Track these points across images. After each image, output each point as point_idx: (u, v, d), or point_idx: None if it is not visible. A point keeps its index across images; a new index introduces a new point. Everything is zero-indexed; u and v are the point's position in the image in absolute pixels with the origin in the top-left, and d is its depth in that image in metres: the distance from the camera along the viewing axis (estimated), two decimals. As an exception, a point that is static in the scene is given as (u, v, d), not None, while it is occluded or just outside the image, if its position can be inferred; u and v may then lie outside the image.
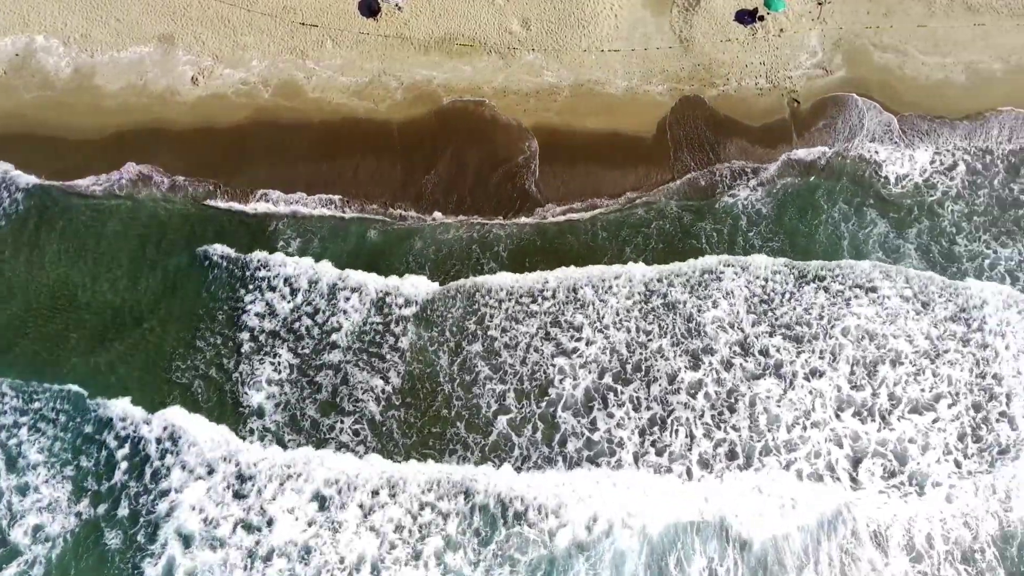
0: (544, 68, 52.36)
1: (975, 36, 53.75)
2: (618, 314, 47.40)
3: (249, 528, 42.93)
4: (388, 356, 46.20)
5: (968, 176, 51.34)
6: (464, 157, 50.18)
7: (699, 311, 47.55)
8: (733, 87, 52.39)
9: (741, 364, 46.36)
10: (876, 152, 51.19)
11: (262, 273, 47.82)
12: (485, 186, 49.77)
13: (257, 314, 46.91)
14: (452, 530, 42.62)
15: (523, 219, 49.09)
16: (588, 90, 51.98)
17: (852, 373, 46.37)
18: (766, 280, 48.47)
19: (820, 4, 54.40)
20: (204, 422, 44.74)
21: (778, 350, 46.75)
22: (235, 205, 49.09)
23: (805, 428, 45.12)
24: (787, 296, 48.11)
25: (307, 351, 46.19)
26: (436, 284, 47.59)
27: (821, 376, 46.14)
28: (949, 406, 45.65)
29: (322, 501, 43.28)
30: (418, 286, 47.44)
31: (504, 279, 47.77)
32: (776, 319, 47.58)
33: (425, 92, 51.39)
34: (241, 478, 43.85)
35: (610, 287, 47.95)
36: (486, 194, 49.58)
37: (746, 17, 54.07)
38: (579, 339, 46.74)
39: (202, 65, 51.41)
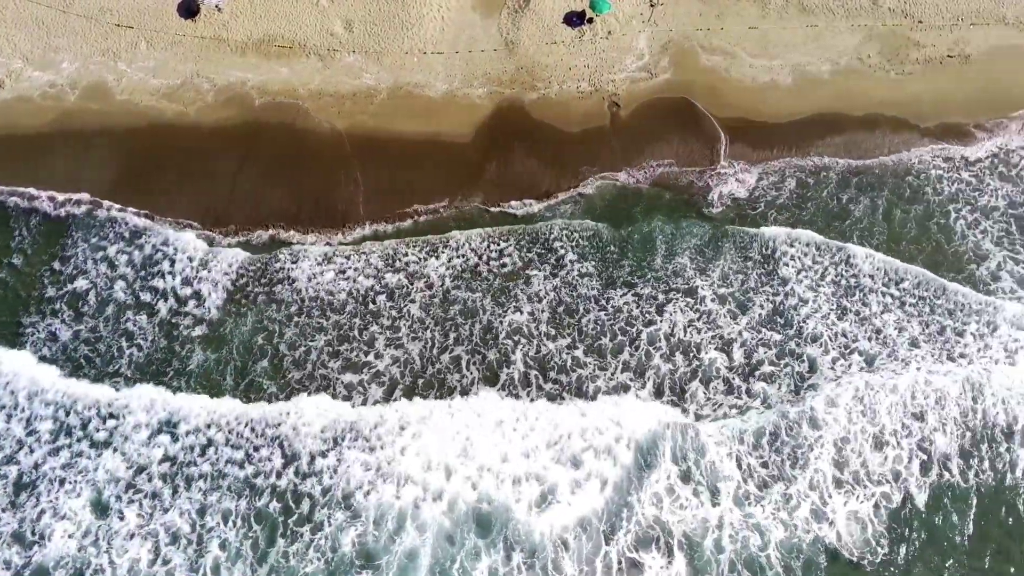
0: (363, 70, 51.52)
1: (807, 38, 52.98)
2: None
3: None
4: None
5: (798, 190, 50.72)
6: (274, 162, 49.32)
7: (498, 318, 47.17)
8: (555, 90, 51.53)
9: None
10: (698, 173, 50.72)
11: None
12: (297, 195, 49.01)
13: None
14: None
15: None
16: (407, 93, 51.13)
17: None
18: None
19: (652, 6, 53.63)
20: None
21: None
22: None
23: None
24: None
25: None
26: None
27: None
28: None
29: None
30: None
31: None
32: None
33: (238, 94, 50.49)
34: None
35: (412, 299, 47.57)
36: (295, 203, 48.85)
37: (575, 19, 53.25)
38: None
39: (11, 68, 50.51)
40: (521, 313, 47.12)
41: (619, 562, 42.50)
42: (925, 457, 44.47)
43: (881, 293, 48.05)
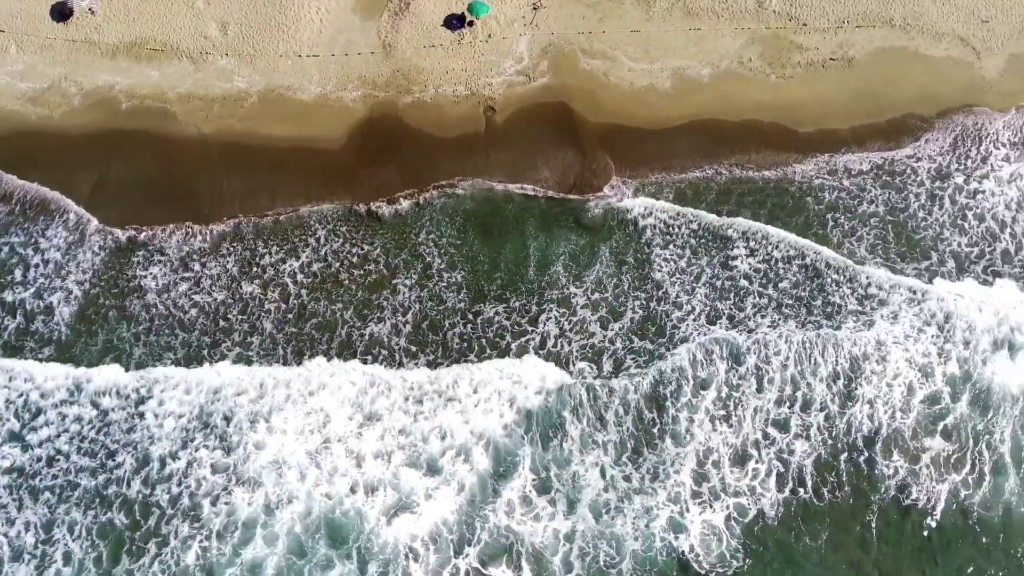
0: (235, 73, 50.74)
1: (689, 41, 52.15)
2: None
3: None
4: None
5: (677, 202, 49.72)
6: (137, 167, 48.57)
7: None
8: (430, 94, 50.76)
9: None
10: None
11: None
12: (159, 199, 48.28)
13: None
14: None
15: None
16: (279, 96, 50.35)
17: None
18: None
19: (535, 9, 52.79)
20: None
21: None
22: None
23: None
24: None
25: None
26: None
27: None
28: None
29: None
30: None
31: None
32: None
33: (105, 98, 49.74)
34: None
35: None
36: (157, 207, 48.10)
37: (454, 22, 52.44)
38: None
39: None
40: (384, 323, 46.44)
41: (467, 574, 41.92)
42: (783, 469, 43.81)
43: (758, 293, 47.44)
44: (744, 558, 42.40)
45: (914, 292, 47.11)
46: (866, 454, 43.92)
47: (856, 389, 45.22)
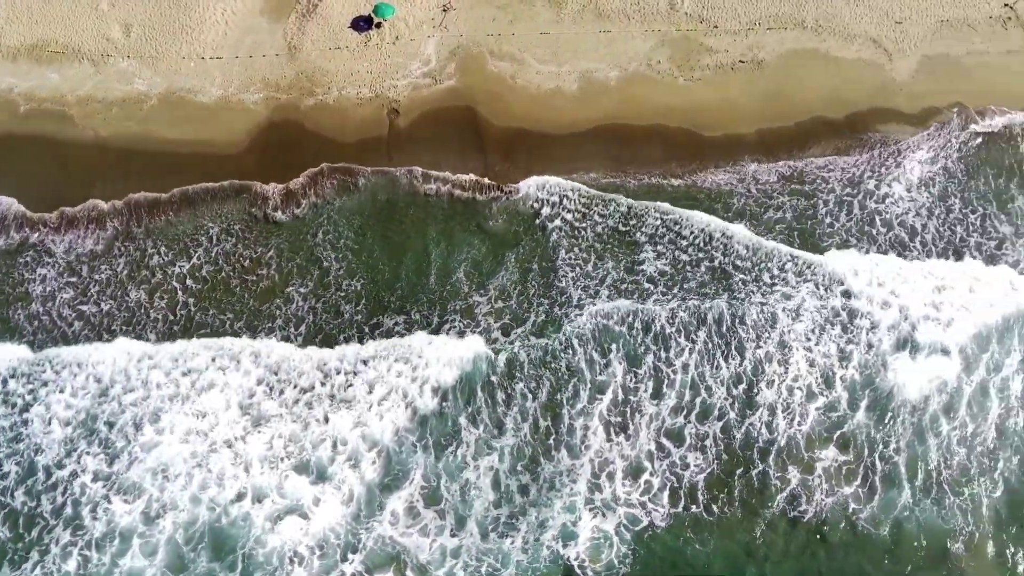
0: (136, 76, 50.09)
1: (599, 43, 51.46)
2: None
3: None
4: None
5: (583, 209, 48.99)
6: (31, 171, 47.90)
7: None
8: (333, 96, 50.10)
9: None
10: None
11: None
12: (52, 200, 47.59)
13: None
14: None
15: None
16: (179, 98, 49.71)
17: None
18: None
19: (445, 10, 52.14)
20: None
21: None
22: None
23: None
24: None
25: None
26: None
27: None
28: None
29: None
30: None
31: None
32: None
33: (4, 101, 49.03)
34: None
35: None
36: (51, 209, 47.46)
37: (362, 24, 51.77)
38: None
39: None
40: (275, 335, 45.68)
41: (352, 578, 41.36)
42: (675, 482, 43.13)
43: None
44: (632, 563, 41.76)
45: (809, 266, 46.85)
46: (760, 467, 43.23)
47: (757, 395, 44.57)
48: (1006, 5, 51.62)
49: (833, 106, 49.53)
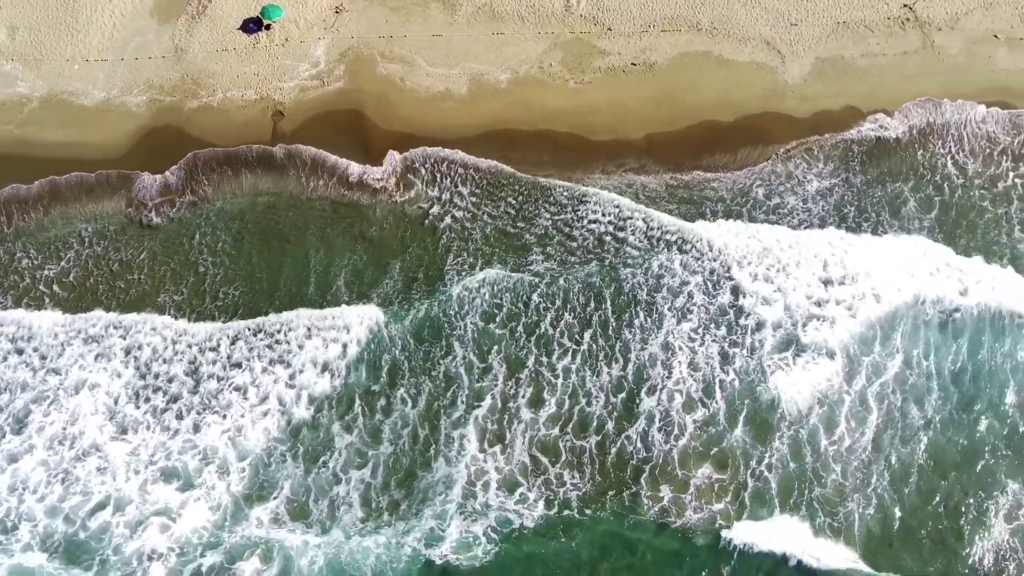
0: (19, 78, 49.39)
1: (491, 45, 50.71)
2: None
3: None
4: None
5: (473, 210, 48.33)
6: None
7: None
8: (218, 99, 49.34)
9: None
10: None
11: None
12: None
13: None
14: None
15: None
16: (61, 101, 48.98)
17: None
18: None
19: (337, 12, 51.39)
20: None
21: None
22: None
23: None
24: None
25: None
26: None
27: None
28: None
29: None
30: None
31: None
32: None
33: None
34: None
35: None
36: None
37: (252, 26, 51.01)
38: None
39: None
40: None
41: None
42: (552, 497, 42.22)
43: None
44: (496, 556, 41.06)
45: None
46: (633, 488, 42.22)
47: (638, 406, 43.65)
48: (905, 6, 50.85)
49: (723, 109, 48.66)
